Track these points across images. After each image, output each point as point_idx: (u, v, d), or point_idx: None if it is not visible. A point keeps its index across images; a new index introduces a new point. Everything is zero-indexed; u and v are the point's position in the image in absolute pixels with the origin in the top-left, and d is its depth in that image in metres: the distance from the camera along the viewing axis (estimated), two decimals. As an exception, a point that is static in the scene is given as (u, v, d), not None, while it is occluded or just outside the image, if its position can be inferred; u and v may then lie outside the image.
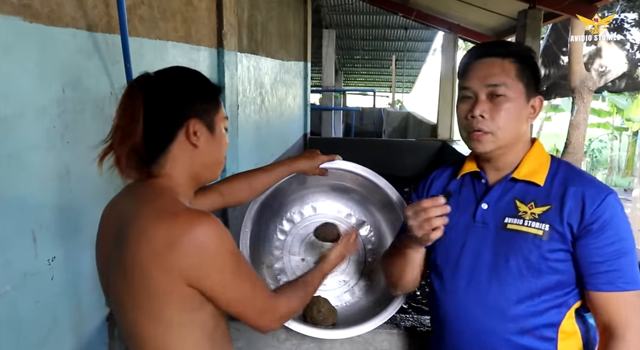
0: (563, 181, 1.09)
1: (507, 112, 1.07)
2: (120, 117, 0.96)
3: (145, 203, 0.94)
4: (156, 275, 0.88)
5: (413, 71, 19.43)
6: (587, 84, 9.18)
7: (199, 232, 0.88)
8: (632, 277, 1.02)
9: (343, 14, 12.44)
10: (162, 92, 0.97)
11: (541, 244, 1.05)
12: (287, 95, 6.13)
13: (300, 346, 1.65)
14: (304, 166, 1.45)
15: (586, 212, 1.03)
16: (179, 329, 0.93)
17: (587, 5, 5.17)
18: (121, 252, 0.92)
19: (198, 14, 2.71)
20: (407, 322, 1.68)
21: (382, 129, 13.55)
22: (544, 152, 1.16)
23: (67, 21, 1.49)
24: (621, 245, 1.02)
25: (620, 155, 14.79)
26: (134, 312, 0.93)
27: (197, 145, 0.98)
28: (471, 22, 8.80)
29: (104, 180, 1.71)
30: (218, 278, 0.92)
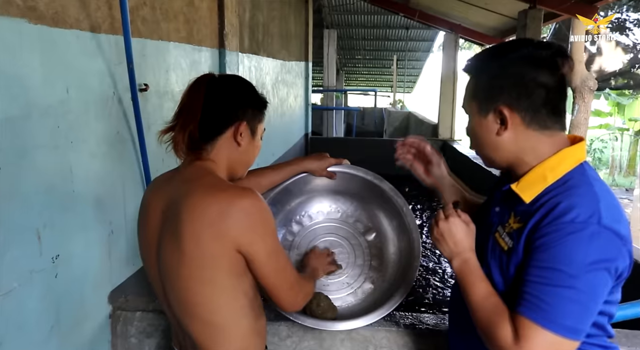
0: (551, 196, 0.95)
1: (472, 133, 1.09)
2: (184, 105, 1.11)
3: (194, 180, 1.08)
4: (209, 242, 1.01)
5: (414, 71, 19.43)
6: (587, 83, 9.19)
7: (246, 202, 1.02)
8: (551, 316, 0.88)
9: (344, 14, 12.45)
10: (223, 92, 1.13)
11: (504, 258, 1.02)
12: (288, 95, 6.15)
13: (300, 343, 1.67)
14: (312, 166, 1.54)
15: (542, 224, 0.92)
16: (226, 292, 1.06)
17: (587, 6, 5.19)
18: (174, 225, 1.04)
19: (199, 14, 2.73)
20: (406, 320, 1.69)
21: (384, 128, 13.54)
22: (564, 160, 0.99)
23: (71, 23, 1.51)
24: (555, 276, 0.88)
25: (622, 155, 14.77)
26: (188, 280, 1.04)
27: (240, 144, 1.14)
28: (472, 22, 8.81)
29: (107, 180, 1.74)
30: (262, 245, 1.05)
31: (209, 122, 1.11)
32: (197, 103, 1.09)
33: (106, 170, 1.73)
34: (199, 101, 1.10)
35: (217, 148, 1.13)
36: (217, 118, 1.11)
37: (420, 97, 25.72)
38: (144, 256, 1.16)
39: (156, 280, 1.14)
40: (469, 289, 1.05)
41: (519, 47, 1.01)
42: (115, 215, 1.79)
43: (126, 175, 1.88)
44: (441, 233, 1.10)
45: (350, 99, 21.96)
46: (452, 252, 1.10)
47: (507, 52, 1.02)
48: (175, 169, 1.16)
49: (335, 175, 1.57)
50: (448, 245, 1.10)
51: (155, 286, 1.16)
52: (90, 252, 1.63)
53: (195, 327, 1.09)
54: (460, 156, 7.53)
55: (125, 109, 1.85)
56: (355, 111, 13.62)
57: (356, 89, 22.07)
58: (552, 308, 0.88)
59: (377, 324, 1.58)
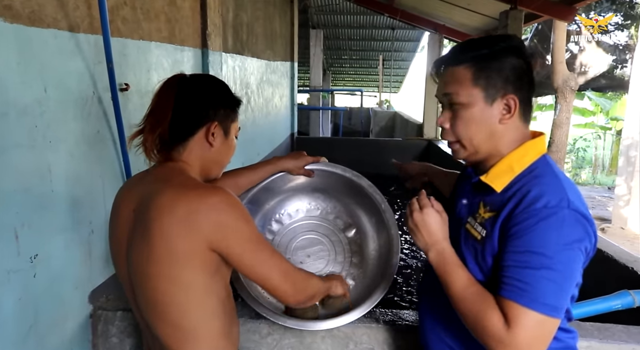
0: (521, 186, 1.01)
1: (465, 120, 1.06)
2: (153, 106, 1.10)
3: (165, 181, 1.06)
4: (178, 240, 0.99)
5: (400, 71, 19.53)
6: (569, 83, 9.33)
7: (217, 199, 1.01)
8: (534, 296, 0.92)
9: (330, 14, 12.48)
10: (193, 92, 1.12)
11: (476, 247, 1.06)
12: (273, 95, 6.15)
13: (281, 341, 1.68)
14: (289, 165, 1.55)
15: (515, 212, 0.97)
16: (197, 293, 1.03)
17: (566, 7, 5.27)
18: (144, 225, 1.02)
19: (182, 14, 2.73)
20: (386, 317, 1.72)
21: (370, 128, 13.62)
22: (529, 152, 1.06)
23: (48, 22, 1.51)
24: (534, 259, 0.93)
25: (604, 154, 15.00)
26: (157, 279, 1.02)
27: (212, 144, 1.14)
28: (456, 22, 8.89)
29: (87, 180, 1.73)
30: (236, 241, 1.03)
31: (180, 123, 1.09)
32: (167, 104, 1.08)
33: (86, 169, 1.73)
34: (169, 102, 1.08)
35: (189, 149, 1.12)
36: (187, 119, 1.10)
37: (406, 97, 25.84)
38: (114, 256, 1.15)
39: (126, 281, 1.12)
40: (448, 279, 1.05)
41: (503, 40, 1.06)
42: (96, 215, 1.79)
43: (107, 175, 1.87)
44: (415, 224, 1.11)
45: (337, 99, 22.00)
46: (427, 243, 1.11)
47: (494, 43, 1.05)
48: (147, 170, 1.15)
49: (313, 173, 1.59)
50: (422, 236, 1.11)
51: (125, 287, 1.14)
52: (70, 251, 1.63)
53: (164, 330, 1.06)
54: (445, 155, 7.61)
55: (106, 109, 1.84)
56: (342, 111, 13.66)
57: (343, 89, 22.14)
58: (535, 289, 0.92)
59: (357, 321, 1.60)
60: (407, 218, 1.13)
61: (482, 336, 0.97)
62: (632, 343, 1.56)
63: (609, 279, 2.38)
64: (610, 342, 1.57)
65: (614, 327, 1.66)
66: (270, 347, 1.69)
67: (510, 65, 1.03)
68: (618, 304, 1.81)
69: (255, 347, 1.69)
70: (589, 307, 1.83)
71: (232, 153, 1.21)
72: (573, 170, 14.52)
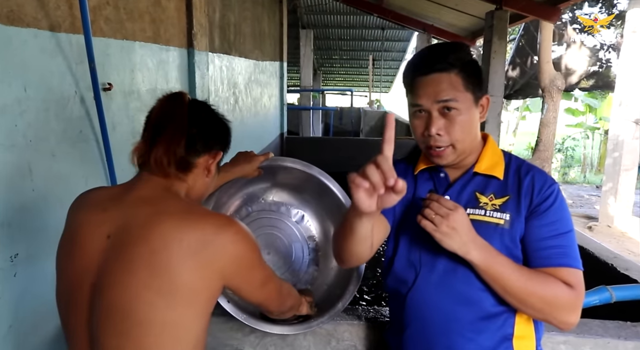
0: (517, 172, 1.16)
1: (462, 124, 1.10)
2: (164, 122, 1.00)
3: (158, 203, 0.95)
4: (190, 274, 0.88)
5: (391, 71, 19.61)
6: (556, 83, 9.42)
7: (232, 231, 0.94)
8: (574, 255, 1.08)
9: (320, 14, 12.51)
10: (210, 117, 1.09)
11: (503, 232, 1.11)
12: (262, 95, 6.16)
13: (263, 339, 1.69)
14: (244, 171, 1.49)
15: (535, 195, 1.11)
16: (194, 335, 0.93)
17: (551, 7, 5.34)
18: (138, 257, 0.88)
19: (167, 14, 2.73)
20: (368, 314, 1.73)
21: (360, 128, 13.66)
22: (496, 146, 1.22)
23: (27, 21, 1.51)
24: (563, 225, 1.09)
25: (592, 153, 15.16)
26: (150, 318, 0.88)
27: (209, 172, 1.09)
28: (444, 22, 8.95)
29: (67, 179, 1.73)
30: (251, 277, 1.01)
31: (194, 143, 1.03)
32: (182, 121, 1.00)
33: (68, 169, 1.73)
34: (183, 119, 1.00)
35: (192, 172, 1.06)
36: (202, 141, 1.04)
37: (396, 97, 25.93)
38: (67, 290, 0.98)
39: (82, 322, 0.94)
40: (501, 271, 1.05)
41: (465, 46, 1.15)
42: (78, 214, 1.79)
43: (89, 175, 1.87)
44: (452, 226, 1.03)
45: (328, 99, 22.04)
46: (466, 242, 1.04)
47: (462, 49, 1.13)
48: (121, 185, 1.05)
49: (262, 171, 1.55)
50: (461, 237, 1.04)
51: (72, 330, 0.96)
52: (50, 251, 1.62)
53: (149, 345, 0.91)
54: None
55: (88, 108, 1.84)
56: (333, 111, 13.70)
57: (333, 89, 22.17)
58: (573, 250, 1.09)
59: (339, 318, 1.62)
60: (440, 222, 1.03)
61: (553, 310, 1.05)
62: (607, 337, 1.59)
63: (590, 275, 2.42)
64: (587, 336, 1.60)
65: (591, 322, 1.69)
66: (253, 345, 1.70)
67: (479, 69, 1.14)
68: (596, 300, 1.85)
69: (239, 345, 1.70)
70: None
71: (211, 189, 1.21)
72: (562, 169, 14.67)
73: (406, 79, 1.17)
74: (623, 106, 7.60)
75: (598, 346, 1.58)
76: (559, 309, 1.05)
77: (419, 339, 1.21)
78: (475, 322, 1.13)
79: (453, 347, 1.15)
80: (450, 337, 1.15)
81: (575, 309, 1.06)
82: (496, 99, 5.67)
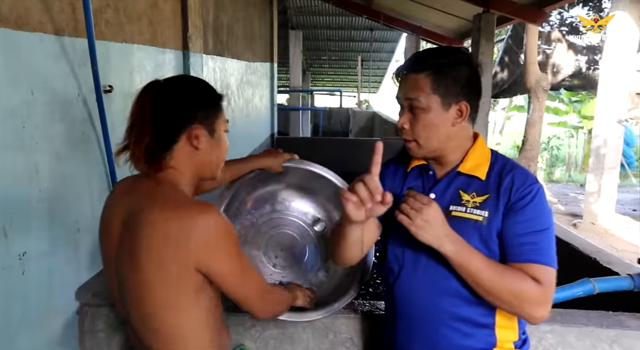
0: (499, 172, 1.21)
1: (424, 123, 1.18)
2: (134, 118, 1.09)
3: (154, 194, 1.07)
4: (168, 260, 1.01)
5: (379, 71, 19.71)
6: (541, 83, 9.59)
7: (208, 219, 1.02)
8: (547, 253, 1.13)
9: (309, 15, 12.56)
10: (167, 98, 1.09)
11: (481, 228, 1.17)
12: (253, 96, 6.20)
13: (264, 332, 1.76)
14: (270, 163, 1.60)
15: (513, 193, 1.16)
16: (187, 310, 1.06)
17: (537, 10, 5.47)
18: (134, 240, 1.03)
19: (163, 16, 2.77)
20: (364, 307, 1.80)
21: (349, 128, 13.74)
22: (485, 147, 1.28)
23: (34, 26, 1.55)
24: (538, 223, 1.14)
25: (577, 152, 15.37)
26: (147, 296, 1.04)
27: (198, 148, 1.12)
28: (433, 24, 9.06)
29: (73, 179, 1.78)
30: (224, 263, 1.06)
31: (161, 133, 1.08)
32: (146, 114, 1.07)
33: (72, 169, 1.77)
34: (147, 112, 1.07)
35: (177, 156, 1.10)
36: (167, 127, 1.08)
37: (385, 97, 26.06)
38: (104, 261, 1.18)
39: (114, 285, 1.15)
40: (472, 263, 1.11)
41: (458, 52, 1.20)
42: (82, 213, 1.83)
43: (92, 175, 1.92)
44: (427, 220, 1.09)
45: (317, 99, 22.08)
46: (440, 236, 1.11)
47: (451, 54, 1.19)
48: (138, 175, 1.15)
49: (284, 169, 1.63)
50: (434, 230, 1.10)
51: (113, 294, 1.17)
52: (57, 249, 1.67)
53: (153, 341, 1.09)
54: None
55: (90, 110, 1.89)
56: (322, 111, 13.75)
57: (322, 90, 22.24)
58: (546, 248, 1.13)
59: (336, 312, 1.68)
60: (415, 216, 1.10)
61: (520, 304, 1.11)
62: (591, 326, 1.68)
63: (575, 268, 2.52)
64: (571, 325, 1.69)
65: (575, 312, 1.78)
66: (254, 339, 1.76)
67: (464, 75, 1.18)
68: (580, 292, 1.94)
69: (240, 339, 1.75)
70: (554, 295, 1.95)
71: (225, 149, 1.20)
72: (547, 168, 14.85)
73: (393, 76, 1.28)
74: (606, 106, 7.77)
75: (582, 334, 1.67)
76: (526, 303, 1.10)
77: (407, 329, 1.29)
78: (458, 312, 1.20)
79: (436, 336, 1.23)
80: (434, 327, 1.23)
81: (541, 304, 1.11)
82: (484, 99, 5.73)
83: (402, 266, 1.27)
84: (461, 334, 1.21)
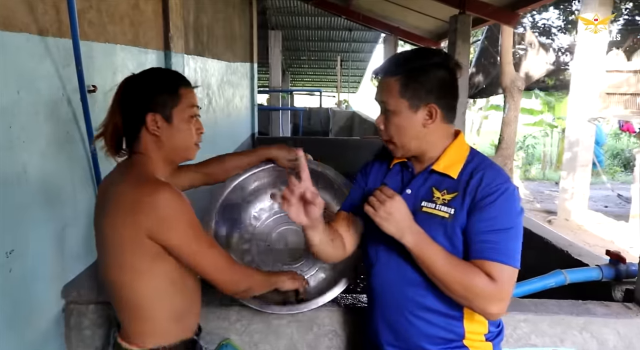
0: (471, 171, 1.24)
1: (395, 124, 1.24)
2: (109, 111, 1.26)
3: (123, 174, 1.23)
4: (123, 228, 1.15)
5: (358, 72, 19.83)
6: (516, 83, 9.81)
7: (159, 195, 1.13)
8: (505, 251, 1.14)
9: (288, 15, 12.59)
10: (130, 90, 1.24)
11: (447, 224, 1.22)
12: (234, 96, 6.21)
13: (249, 326, 1.80)
14: (276, 154, 1.66)
15: (478, 192, 1.19)
16: (144, 275, 1.19)
17: (511, 12, 5.63)
18: (102, 207, 1.21)
19: (145, 17, 2.78)
20: (346, 301, 1.86)
21: (329, 128, 13.80)
22: (463, 145, 1.30)
23: (20, 26, 1.56)
24: (501, 222, 1.15)
25: (552, 151, 15.73)
26: (109, 262, 1.20)
27: (157, 135, 1.24)
28: (410, 25, 9.19)
29: (58, 178, 1.80)
30: (174, 235, 1.16)
31: (127, 123, 1.24)
32: (116, 106, 1.24)
33: (57, 168, 1.79)
34: (116, 104, 1.24)
35: (143, 143, 1.25)
36: (129, 117, 1.24)
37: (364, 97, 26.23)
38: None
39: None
40: (430, 256, 1.17)
41: (432, 55, 1.24)
42: (67, 211, 1.85)
43: (76, 174, 1.93)
44: (389, 211, 1.16)
45: (297, 100, 22.09)
46: (402, 228, 1.17)
47: (424, 58, 1.23)
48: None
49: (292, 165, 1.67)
50: (397, 222, 1.17)
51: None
52: (43, 247, 1.69)
53: (117, 305, 1.25)
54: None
55: (75, 110, 1.90)
56: (302, 111, 13.78)
57: (302, 90, 22.25)
58: (506, 248, 1.15)
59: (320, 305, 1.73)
60: (379, 208, 1.17)
61: (473, 298, 1.15)
62: (562, 314, 1.77)
63: (549, 261, 2.62)
64: (544, 314, 1.78)
65: (548, 301, 1.87)
66: (239, 333, 1.80)
67: (436, 78, 1.21)
68: (552, 282, 2.04)
69: (225, 333, 1.79)
70: (527, 286, 2.04)
71: (189, 134, 1.28)
72: (523, 166, 15.14)
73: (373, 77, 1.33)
74: (578, 105, 8.00)
75: (554, 322, 1.76)
76: (478, 298, 1.14)
77: (381, 318, 1.36)
78: (424, 302, 1.27)
79: (405, 325, 1.30)
80: (403, 316, 1.30)
81: (494, 300, 1.14)
82: (460, 100, 5.89)
83: (378, 258, 1.34)
84: (428, 323, 1.27)
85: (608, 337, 1.76)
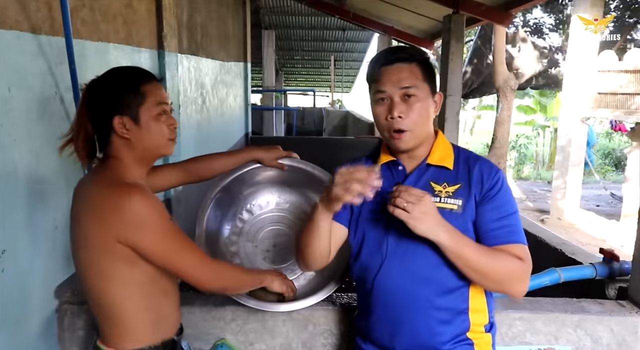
0: (465, 162, 1.31)
1: (420, 110, 1.25)
2: (76, 118, 1.24)
3: (92, 178, 1.23)
4: (92, 233, 1.14)
5: (352, 71, 19.84)
6: (509, 83, 9.86)
7: (125, 198, 1.11)
8: (521, 232, 1.25)
9: (282, 15, 12.57)
10: (93, 96, 1.22)
11: (457, 216, 1.25)
12: (227, 95, 6.19)
13: (244, 326, 1.79)
14: (262, 155, 1.64)
15: (485, 183, 1.26)
16: (117, 281, 1.18)
17: (504, 12, 5.66)
18: (75, 215, 1.19)
19: (138, 16, 2.77)
20: (342, 300, 1.85)
21: (323, 127, 13.79)
22: (446, 140, 1.36)
23: (11, 24, 1.54)
24: (509, 207, 1.26)
25: (544, 150, 15.84)
26: (82, 267, 1.20)
27: (127, 137, 1.21)
28: (404, 24, 9.20)
29: (50, 178, 1.78)
30: (143, 236, 1.14)
31: (96, 128, 1.22)
32: (83, 112, 1.22)
33: (49, 167, 1.77)
34: (84, 110, 1.22)
35: (114, 145, 1.22)
36: (97, 123, 1.21)
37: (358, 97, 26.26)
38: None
39: None
40: (466, 251, 1.18)
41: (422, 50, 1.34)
42: (59, 211, 1.83)
43: (69, 173, 1.91)
44: (424, 211, 1.12)
45: (290, 99, 22.08)
46: (436, 226, 1.15)
47: (421, 50, 1.32)
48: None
49: (285, 166, 1.68)
50: (431, 221, 1.14)
51: None
52: (36, 247, 1.67)
53: (93, 309, 1.24)
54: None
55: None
56: (295, 111, 13.77)
57: (295, 89, 22.24)
58: (519, 228, 1.25)
59: (315, 304, 1.72)
60: (412, 209, 1.11)
61: (507, 281, 1.21)
62: (556, 312, 1.78)
63: (542, 259, 2.63)
64: (538, 312, 1.78)
65: (542, 299, 1.87)
66: (235, 332, 1.79)
67: (434, 69, 1.31)
68: (546, 281, 2.05)
69: (220, 333, 1.78)
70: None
71: (160, 132, 1.24)
72: (516, 165, 15.24)
73: (371, 70, 1.31)
74: (570, 105, 8.06)
75: (548, 320, 1.77)
76: (513, 280, 1.22)
77: (385, 321, 1.33)
78: (435, 298, 1.27)
79: (418, 325, 1.29)
80: (414, 315, 1.29)
81: (525, 278, 1.23)
82: (454, 99, 5.93)
83: (385, 260, 1.30)
84: (440, 321, 1.28)
85: (602, 334, 1.77)
